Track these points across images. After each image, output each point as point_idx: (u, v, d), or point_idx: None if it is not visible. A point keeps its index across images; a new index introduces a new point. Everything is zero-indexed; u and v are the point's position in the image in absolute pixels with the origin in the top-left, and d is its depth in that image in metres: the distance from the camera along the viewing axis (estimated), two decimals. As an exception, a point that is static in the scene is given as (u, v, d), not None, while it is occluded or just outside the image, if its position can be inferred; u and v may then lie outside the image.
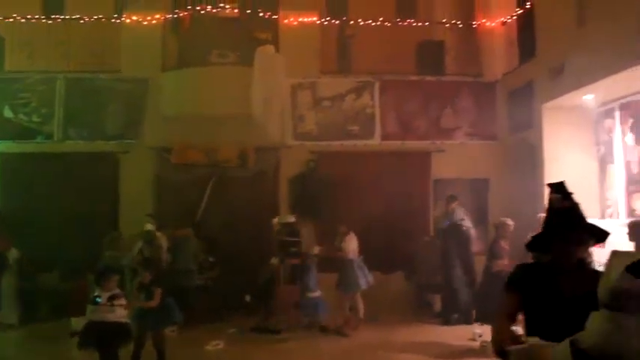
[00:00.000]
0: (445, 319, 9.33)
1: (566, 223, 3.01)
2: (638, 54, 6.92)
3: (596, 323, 2.11)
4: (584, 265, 3.18)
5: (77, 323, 7.09)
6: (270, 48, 10.01)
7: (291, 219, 9.74)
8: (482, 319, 7.80)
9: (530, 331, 2.93)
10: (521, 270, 3.18)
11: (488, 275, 7.96)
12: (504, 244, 8.05)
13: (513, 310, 3.03)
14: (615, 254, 2.18)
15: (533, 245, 3.18)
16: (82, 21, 10.71)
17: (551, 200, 3.09)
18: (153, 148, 10.50)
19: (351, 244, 9.15)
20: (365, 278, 9.07)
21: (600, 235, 3.09)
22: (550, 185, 3.13)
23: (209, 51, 10.47)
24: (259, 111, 9.65)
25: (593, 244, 3.13)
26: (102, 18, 10.79)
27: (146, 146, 10.50)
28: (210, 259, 9.81)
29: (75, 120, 10.58)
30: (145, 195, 10.39)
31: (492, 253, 8.08)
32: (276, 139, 10.35)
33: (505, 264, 7.64)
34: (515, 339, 2.78)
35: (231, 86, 10.04)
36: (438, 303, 10.08)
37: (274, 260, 9.42)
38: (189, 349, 7.89)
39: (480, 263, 8.80)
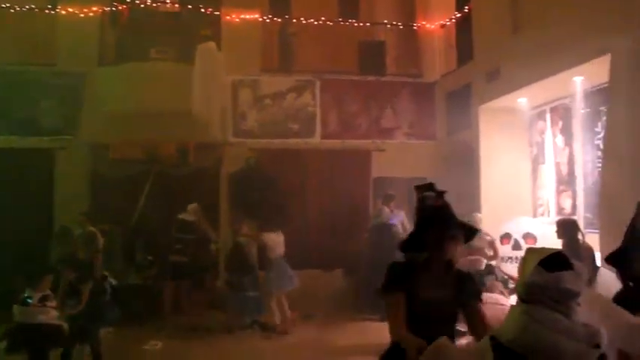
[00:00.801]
0: (382, 315, 9.46)
1: (441, 220, 3.10)
2: (567, 60, 7.23)
3: (513, 317, 2.21)
4: (451, 266, 3.26)
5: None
6: (212, 45, 9.94)
7: (189, 217, 9.57)
8: None
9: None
10: (398, 268, 3.23)
11: None
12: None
13: (403, 307, 3.08)
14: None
15: (407, 245, 3.25)
16: (12, 10, 10.32)
17: (424, 198, 3.18)
18: (90, 145, 10.23)
19: (278, 241, 8.95)
20: (291, 278, 8.85)
21: (470, 232, 3.22)
22: (419, 187, 3.23)
23: (149, 46, 10.23)
24: (200, 108, 9.56)
25: (464, 242, 3.25)
26: (34, 8, 10.42)
27: (83, 142, 10.22)
28: (149, 258, 9.65)
29: (6, 114, 10.17)
30: (81, 192, 10.12)
31: None
32: (217, 137, 10.27)
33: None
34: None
35: (171, 82, 9.86)
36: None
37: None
38: (127, 349, 7.74)
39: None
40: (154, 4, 10.37)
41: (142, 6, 10.32)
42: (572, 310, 2.14)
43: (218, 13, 10.75)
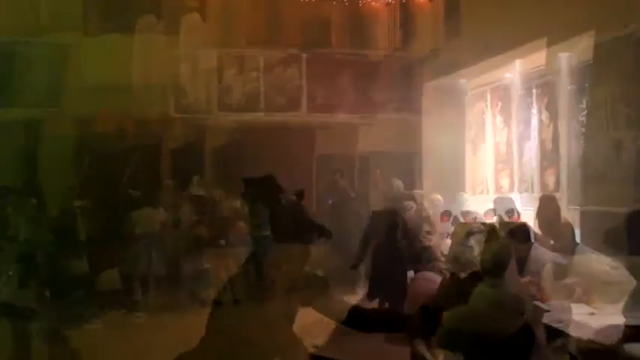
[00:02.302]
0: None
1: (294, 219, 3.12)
2: (504, 43, 7.25)
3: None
4: None
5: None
6: (197, 16, 9.82)
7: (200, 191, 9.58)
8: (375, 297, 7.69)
9: None
10: None
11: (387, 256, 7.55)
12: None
13: None
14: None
15: None
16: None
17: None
18: (75, 117, 10.14)
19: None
20: None
21: (322, 231, 3.22)
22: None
23: (133, 18, 10.14)
24: (184, 80, 9.49)
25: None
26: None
27: (68, 115, 10.12)
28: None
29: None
30: (65, 166, 10.07)
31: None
32: (202, 110, 10.20)
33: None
34: None
35: (155, 54, 9.80)
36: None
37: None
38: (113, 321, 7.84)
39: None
40: (139, -25, 10.22)
41: (127, -24, 10.18)
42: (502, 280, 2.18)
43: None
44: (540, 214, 6.84)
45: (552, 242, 6.64)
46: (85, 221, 9.35)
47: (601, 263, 6.17)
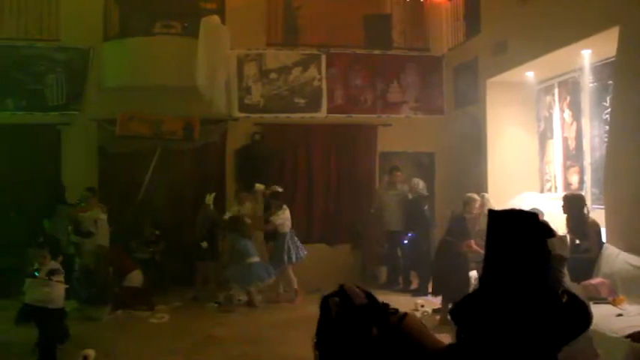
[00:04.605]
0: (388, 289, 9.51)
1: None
2: (574, 33, 7.11)
3: None
4: None
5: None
6: (216, 18, 9.84)
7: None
8: (438, 293, 7.81)
9: None
10: None
11: (450, 253, 7.55)
12: (470, 223, 7.82)
13: None
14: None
15: None
16: (17, -14, 10.27)
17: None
18: (96, 120, 10.23)
19: (283, 217, 9.07)
20: (296, 252, 9.06)
21: None
22: None
23: (153, 21, 10.20)
24: (204, 83, 9.52)
25: None
26: (39, -17, 10.35)
27: (89, 118, 10.22)
28: (156, 232, 9.71)
29: (12, 90, 10.17)
30: (88, 168, 10.16)
31: (457, 231, 7.66)
32: (222, 111, 10.22)
33: (472, 245, 7.42)
34: None
35: (175, 57, 9.85)
36: (383, 275, 10.28)
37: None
38: (135, 324, 7.87)
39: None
40: (158, -22, 10.27)
41: (146, -20, 10.24)
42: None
43: (222, -15, 10.64)
44: (566, 213, 6.77)
45: (578, 241, 6.58)
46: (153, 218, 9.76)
47: (627, 263, 6.09)
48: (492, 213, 2.06)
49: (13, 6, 10.24)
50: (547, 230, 2.20)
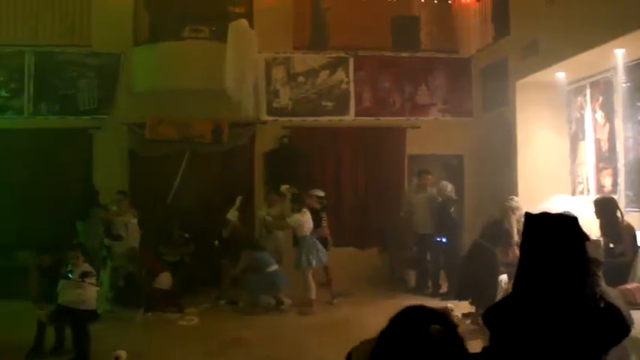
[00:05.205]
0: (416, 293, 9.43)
1: None
2: (606, 32, 6.98)
3: None
4: None
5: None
6: (244, 22, 9.90)
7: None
8: (465, 296, 7.67)
9: None
10: None
11: (483, 257, 7.36)
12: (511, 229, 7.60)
13: None
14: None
15: None
16: (50, -7, 10.50)
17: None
18: (126, 124, 10.37)
19: (301, 220, 8.84)
20: (317, 256, 8.76)
21: None
22: None
23: (182, 25, 10.31)
24: (233, 86, 9.58)
25: None
26: (72, -10, 10.57)
27: (119, 122, 10.37)
28: (185, 235, 9.79)
29: (46, 95, 10.40)
30: (118, 171, 10.30)
31: (494, 236, 7.50)
32: (251, 115, 10.28)
33: (515, 253, 7.11)
34: None
35: (204, 61, 9.95)
36: (412, 278, 10.21)
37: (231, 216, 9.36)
38: (164, 326, 7.94)
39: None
40: (187, -17, 10.39)
41: (175, -15, 10.37)
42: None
43: (250, -10, 10.72)
44: (599, 217, 6.66)
45: (612, 245, 6.45)
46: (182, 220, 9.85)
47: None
48: (529, 217, 2.02)
49: (48, 14, 10.47)
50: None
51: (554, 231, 1.92)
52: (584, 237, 2.05)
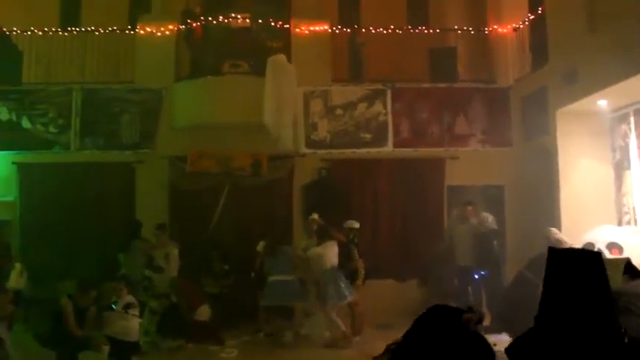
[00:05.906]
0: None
1: None
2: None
3: None
4: None
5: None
6: (282, 57, 10.05)
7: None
8: (502, 327, 7.48)
9: None
10: None
11: (526, 289, 7.10)
12: None
13: None
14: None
15: None
16: (97, 33, 10.91)
17: None
18: (167, 158, 10.59)
19: (320, 253, 8.62)
20: (339, 292, 8.35)
21: None
22: None
23: (221, 61, 10.56)
24: (272, 120, 9.69)
25: None
26: (116, 30, 10.96)
27: (161, 155, 10.59)
28: (225, 267, 9.85)
29: (91, 130, 10.72)
30: (160, 204, 10.48)
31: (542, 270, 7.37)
32: (289, 148, 10.38)
33: None
34: None
35: (243, 95, 10.11)
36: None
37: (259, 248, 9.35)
38: (205, 358, 7.97)
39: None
40: (226, 20, 10.64)
41: (215, 22, 10.64)
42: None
43: (287, 25, 10.92)
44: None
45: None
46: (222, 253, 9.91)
47: None
48: (553, 251, 2.00)
49: (95, 53, 10.90)
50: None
51: (577, 266, 1.88)
52: (606, 272, 2.01)
